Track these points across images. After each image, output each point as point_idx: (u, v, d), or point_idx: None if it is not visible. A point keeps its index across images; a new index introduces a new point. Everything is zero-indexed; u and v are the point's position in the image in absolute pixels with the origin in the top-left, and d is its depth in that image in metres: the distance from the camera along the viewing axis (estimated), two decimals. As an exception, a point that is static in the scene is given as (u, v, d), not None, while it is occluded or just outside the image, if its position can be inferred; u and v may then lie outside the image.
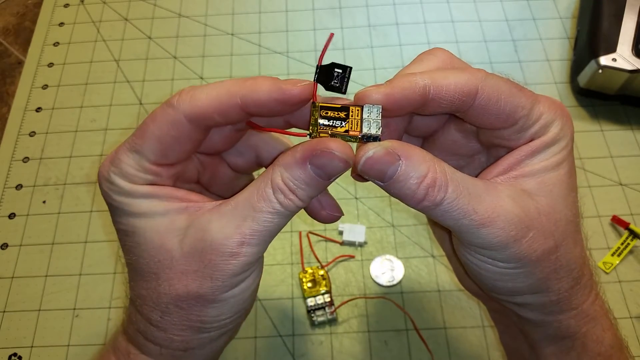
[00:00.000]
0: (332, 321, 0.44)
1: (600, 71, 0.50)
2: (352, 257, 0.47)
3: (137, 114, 0.56)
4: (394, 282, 0.46)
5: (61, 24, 0.63)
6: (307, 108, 0.25)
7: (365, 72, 0.58)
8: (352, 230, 0.48)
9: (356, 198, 0.50)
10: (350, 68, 0.24)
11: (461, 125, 0.27)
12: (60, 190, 0.52)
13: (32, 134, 0.55)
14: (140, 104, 0.57)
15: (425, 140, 0.30)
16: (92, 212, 0.51)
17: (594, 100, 0.54)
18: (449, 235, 0.31)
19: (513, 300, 0.26)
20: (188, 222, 0.24)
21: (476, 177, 0.25)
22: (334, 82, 0.24)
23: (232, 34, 0.61)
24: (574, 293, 0.25)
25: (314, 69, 0.25)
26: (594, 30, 0.52)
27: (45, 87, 0.59)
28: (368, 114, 0.23)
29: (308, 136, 0.24)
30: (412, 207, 0.23)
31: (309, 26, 0.61)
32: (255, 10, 0.63)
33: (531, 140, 0.25)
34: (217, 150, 0.29)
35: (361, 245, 0.48)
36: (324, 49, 0.24)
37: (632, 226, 0.46)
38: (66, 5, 0.65)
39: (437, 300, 0.45)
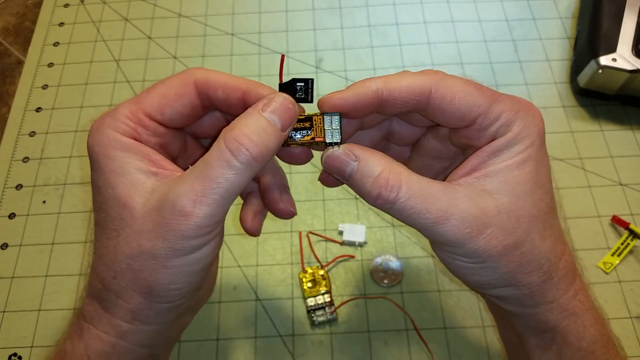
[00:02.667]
0: (332, 321, 0.44)
1: (600, 71, 0.50)
2: (352, 257, 0.47)
3: (137, 114, 0.56)
4: (394, 282, 0.46)
5: (61, 24, 0.63)
6: None
7: (365, 72, 0.58)
8: (352, 230, 0.48)
9: (356, 198, 0.50)
10: (312, 80, 0.26)
11: (436, 132, 0.30)
12: (60, 190, 0.52)
13: (32, 134, 0.55)
14: (140, 104, 0.57)
15: (413, 148, 0.32)
16: (92, 212, 0.50)
17: (594, 100, 0.54)
18: None
19: (489, 292, 0.27)
20: (155, 186, 0.24)
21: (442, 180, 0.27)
22: (299, 95, 0.26)
23: (232, 34, 0.61)
24: (547, 287, 0.26)
25: (314, 70, 0.26)
26: (594, 30, 0.52)
27: (45, 87, 0.59)
28: (329, 124, 0.26)
29: (284, 145, 0.27)
30: (372, 205, 0.25)
31: (309, 26, 0.61)
32: (255, 10, 0.63)
33: (493, 139, 0.26)
34: (202, 133, 0.30)
35: (361, 245, 0.48)
36: (280, 70, 0.26)
37: (632, 226, 0.46)
38: (66, 5, 0.65)
39: (437, 300, 0.45)
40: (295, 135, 0.27)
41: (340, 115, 0.26)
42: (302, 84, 0.26)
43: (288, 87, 0.26)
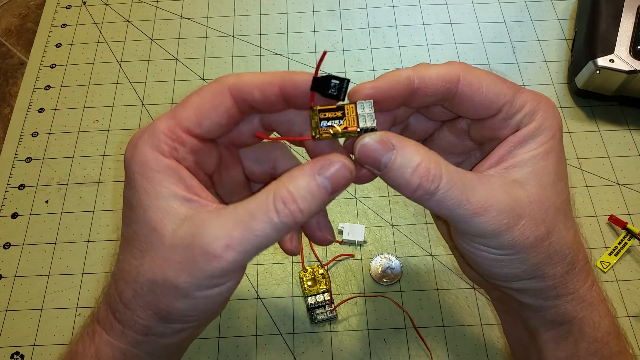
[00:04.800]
0: (332, 319, 0.44)
1: (597, 72, 0.50)
2: (352, 256, 0.47)
3: (139, 114, 0.57)
4: (393, 281, 0.46)
5: (63, 25, 0.64)
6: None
7: (364, 73, 0.58)
8: (351, 229, 0.48)
9: (356, 198, 0.51)
10: (348, 80, 0.25)
11: (453, 126, 0.29)
12: (63, 190, 0.52)
13: (35, 134, 0.56)
14: (143, 104, 0.57)
15: (424, 143, 0.31)
16: (94, 212, 0.51)
17: (592, 100, 0.55)
18: (447, 226, 0.32)
19: (511, 286, 0.27)
20: (188, 214, 0.24)
21: (470, 171, 0.26)
22: (331, 92, 0.25)
23: (233, 36, 0.62)
24: (569, 278, 0.26)
25: (314, 71, 0.26)
26: (591, 32, 0.53)
27: (47, 87, 0.59)
28: (362, 109, 0.25)
29: (312, 138, 0.25)
30: (408, 197, 0.25)
31: (309, 28, 0.62)
32: (256, 12, 0.64)
33: (517, 129, 0.26)
34: (239, 141, 0.29)
35: (361, 244, 0.48)
36: (319, 63, 0.25)
37: (629, 226, 0.46)
38: (68, 7, 0.65)
39: (436, 298, 0.45)
40: (325, 124, 0.25)
41: (373, 102, 0.25)
42: (338, 82, 0.25)
43: (322, 82, 0.25)
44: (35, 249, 0.49)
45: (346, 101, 0.26)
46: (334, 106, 0.25)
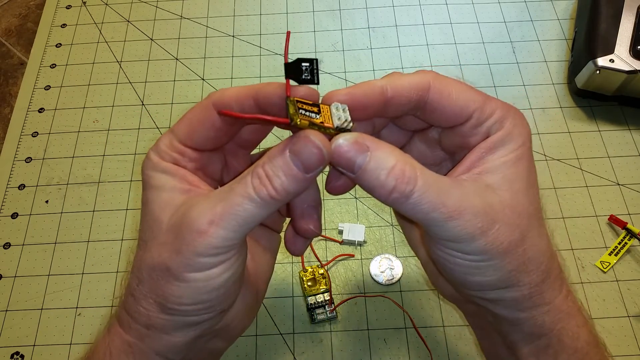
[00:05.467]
0: (332, 319, 0.44)
1: (597, 72, 0.50)
2: (352, 256, 0.48)
3: (139, 114, 0.57)
4: (393, 281, 0.46)
5: (63, 25, 0.64)
6: None
7: (364, 73, 0.58)
8: (351, 229, 0.48)
9: (356, 198, 0.51)
10: (316, 60, 0.25)
11: (424, 136, 0.30)
12: (63, 190, 0.52)
13: (35, 134, 0.56)
14: (143, 104, 0.57)
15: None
16: (94, 212, 0.51)
17: (592, 100, 0.55)
18: (420, 233, 0.32)
19: (486, 296, 0.26)
20: (184, 202, 0.26)
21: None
22: (305, 76, 0.25)
23: (233, 36, 0.62)
24: (545, 287, 0.26)
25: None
26: (591, 32, 0.53)
27: (47, 87, 0.59)
28: (336, 109, 0.25)
29: (289, 123, 0.24)
30: (383, 201, 0.24)
31: (309, 28, 0.62)
32: (256, 12, 0.64)
33: (487, 136, 0.26)
34: (247, 144, 0.31)
35: (361, 244, 0.48)
36: (285, 48, 0.26)
37: (629, 226, 0.46)
38: (68, 7, 0.65)
39: (436, 298, 0.45)
40: (303, 112, 0.25)
41: (347, 107, 0.26)
42: (307, 64, 0.25)
43: (293, 68, 0.25)
44: (35, 249, 0.49)
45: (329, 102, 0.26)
46: (310, 102, 0.25)
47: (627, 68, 0.49)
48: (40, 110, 0.58)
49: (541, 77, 0.57)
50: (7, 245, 0.50)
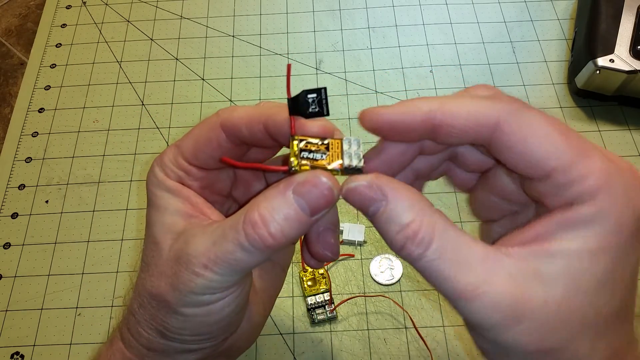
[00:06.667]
0: (332, 319, 0.44)
1: (597, 72, 0.50)
2: (352, 256, 0.48)
3: (139, 114, 0.57)
4: (393, 281, 0.46)
5: (63, 25, 0.64)
6: None
7: (364, 73, 0.58)
8: (351, 229, 0.48)
9: (356, 198, 0.51)
10: (325, 89, 0.22)
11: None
12: (63, 190, 0.52)
13: (35, 134, 0.56)
14: (143, 104, 0.57)
15: (481, 177, 0.26)
16: (94, 212, 0.51)
17: (592, 101, 0.55)
18: None
19: None
20: (186, 228, 0.24)
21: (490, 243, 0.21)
22: (312, 109, 0.22)
23: (233, 36, 0.62)
24: None
25: (314, 71, 0.25)
26: (591, 32, 0.53)
27: (47, 87, 0.59)
28: (348, 146, 0.23)
29: (287, 170, 0.22)
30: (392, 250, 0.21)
31: (309, 28, 0.62)
32: (256, 12, 0.64)
33: (569, 204, 0.19)
34: (256, 162, 0.28)
35: (360, 244, 0.48)
36: (287, 82, 0.22)
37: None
38: (68, 7, 0.65)
39: (436, 298, 0.45)
40: (306, 155, 0.22)
41: (361, 140, 0.23)
42: (314, 95, 0.22)
43: (298, 101, 0.22)
44: (35, 249, 0.49)
45: (341, 136, 0.23)
46: (317, 138, 0.23)
47: (627, 68, 0.49)
48: (40, 110, 0.58)
49: (541, 77, 0.57)
50: (7, 245, 0.50)
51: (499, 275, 0.19)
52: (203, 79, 0.59)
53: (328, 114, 0.22)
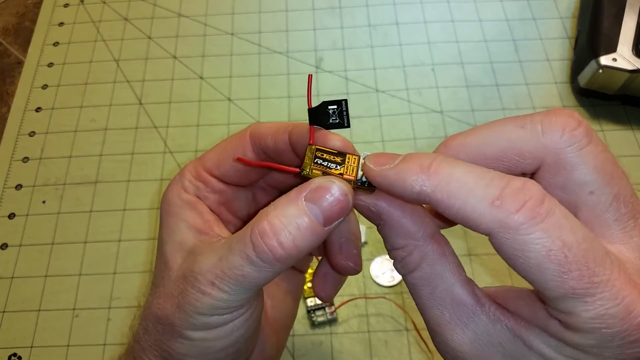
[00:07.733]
0: (332, 321, 0.44)
1: (600, 71, 0.50)
2: (352, 257, 0.47)
3: (136, 113, 0.56)
4: (394, 282, 0.46)
5: (61, 24, 0.63)
6: None
7: (365, 71, 0.58)
8: (352, 230, 0.48)
9: (356, 198, 0.50)
10: (345, 100, 0.22)
11: None
12: (60, 190, 0.52)
13: (32, 134, 0.55)
14: (140, 103, 0.57)
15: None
16: (91, 212, 0.51)
17: (594, 100, 0.54)
18: None
19: None
20: (194, 247, 0.24)
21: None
22: (332, 120, 0.22)
23: (232, 34, 0.61)
24: None
25: (313, 69, 0.25)
26: (594, 30, 0.52)
27: (45, 87, 0.59)
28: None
29: (299, 172, 0.22)
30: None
31: (309, 26, 0.61)
32: (255, 10, 0.63)
33: (559, 321, 0.18)
34: (279, 184, 0.28)
35: (361, 245, 0.48)
36: (308, 92, 0.23)
37: (632, 226, 0.46)
38: (66, 5, 0.65)
39: (437, 300, 0.45)
40: (319, 161, 0.22)
41: None
42: (335, 106, 0.22)
43: (319, 112, 0.22)
44: (33, 249, 0.49)
45: (359, 153, 0.23)
46: (335, 150, 0.23)
47: (629, 67, 0.49)
48: (38, 109, 0.57)
49: (544, 76, 0.57)
50: (4, 246, 0.49)
51: (464, 331, 0.19)
52: (201, 78, 0.58)
53: (349, 126, 0.23)
